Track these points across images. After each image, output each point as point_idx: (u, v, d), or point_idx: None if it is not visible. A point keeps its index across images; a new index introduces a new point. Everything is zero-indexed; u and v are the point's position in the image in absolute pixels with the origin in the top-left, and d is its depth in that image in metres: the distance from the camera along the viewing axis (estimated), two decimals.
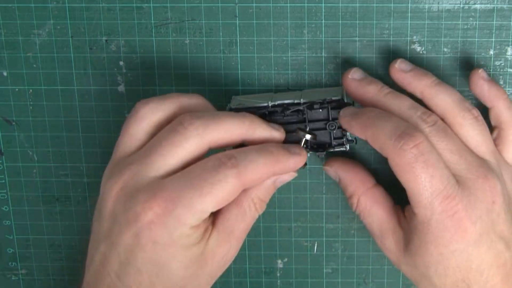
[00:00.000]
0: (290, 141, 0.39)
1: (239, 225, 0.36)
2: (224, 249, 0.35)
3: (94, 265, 0.34)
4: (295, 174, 0.37)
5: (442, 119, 0.37)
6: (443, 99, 0.37)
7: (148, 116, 0.36)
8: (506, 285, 0.36)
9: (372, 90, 0.38)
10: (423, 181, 0.34)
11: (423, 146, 0.34)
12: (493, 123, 0.39)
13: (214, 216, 0.36)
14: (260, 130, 0.36)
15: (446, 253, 0.35)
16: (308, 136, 0.38)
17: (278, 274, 0.46)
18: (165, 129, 0.35)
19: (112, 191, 0.34)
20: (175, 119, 0.35)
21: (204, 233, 0.34)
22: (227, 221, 0.35)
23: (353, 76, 0.39)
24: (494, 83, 0.39)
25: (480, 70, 0.39)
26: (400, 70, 0.39)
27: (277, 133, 0.37)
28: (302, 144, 0.38)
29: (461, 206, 0.34)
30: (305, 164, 0.37)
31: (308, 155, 0.40)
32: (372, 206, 0.39)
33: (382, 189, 0.40)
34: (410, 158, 0.34)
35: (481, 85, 0.39)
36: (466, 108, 0.37)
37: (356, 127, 0.36)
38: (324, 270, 0.46)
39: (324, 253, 0.46)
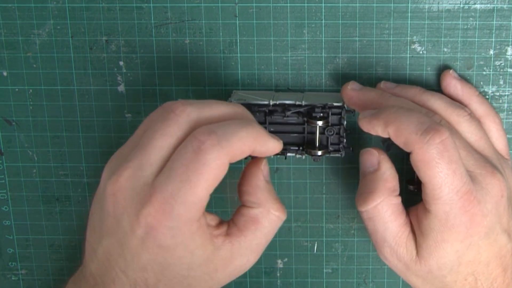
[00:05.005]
0: (290, 142, 0.39)
1: (258, 241, 0.35)
2: (240, 261, 0.35)
3: (97, 257, 0.34)
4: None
5: None
6: (435, 102, 0.38)
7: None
8: (505, 275, 0.37)
9: (374, 96, 0.39)
10: (446, 177, 0.34)
11: (448, 142, 0.34)
12: None
13: (229, 227, 0.35)
14: (248, 115, 0.35)
15: (462, 249, 0.36)
16: (320, 123, 0.39)
17: (278, 274, 0.46)
18: (156, 118, 0.33)
19: (111, 191, 0.33)
20: (163, 106, 0.33)
21: (212, 239, 0.34)
22: (244, 237, 0.35)
23: (353, 87, 0.40)
24: (465, 81, 0.41)
25: (451, 71, 0.41)
26: (386, 89, 0.40)
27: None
28: (317, 132, 0.39)
29: (476, 201, 0.35)
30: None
31: (303, 157, 0.40)
32: (392, 213, 0.37)
33: (400, 198, 0.38)
34: (435, 153, 0.34)
35: (454, 84, 0.40)
36: (459, 107, 0.38)
37: (378, 125, 0.36)
38: (324, 270, 0.46)
39: (324, 253, 0.46)
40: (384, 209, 0.37)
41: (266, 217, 0.35)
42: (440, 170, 0.34)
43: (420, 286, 0.38)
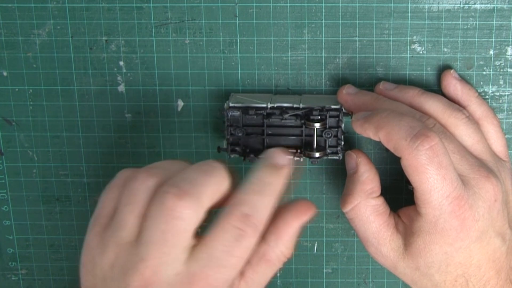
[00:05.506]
0: (288, 144, 0.40)
1: (268, 276, 0.35)
2: None
3: None
4: (313, 210, 0.36)
5: None
6: (433, 104, 0.38)
7: (151, 191, 0.33)
8: (498, 277, 0.37)
9: (369, 100, 0.39)
10: (435, 182, 0.34)
11: (438, 147, 0.34)
12: None
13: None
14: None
15: (451, 251, 0.36)
16: (317, 125, 0.39)
17: (278, 274, 0.46)
18: (157, 217, 0.31)
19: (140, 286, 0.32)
20: (157, 198, 0.32)
21: (232, 285, 0.34)
22: (257, 274, 0.35)
23: (348, 91, 0.40)
24: (466, 82, 0.41)
25: (452, 71, 0.41)
26: (384, 89, 0.40)
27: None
28: (315, 134, 0.39)
29: (467, 206, 0.35)
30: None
31: (301, 159, 0.40)
32: (371, 214, 0.38)
33: (383, 198, 0.39)
34: (424, 159, 0.34)
35: (454, 85, 0.40)
36: (457, 109, 0.38)
37: (369, 129, 0.36)
38: (324, 270, 0.46)
39: (324, 253, 0.46)
40: (361, 211, 0.38)
41: (279, 257, 0.35)
42: (429, 176, 0.34)
43: (411, 284, 0.39)
